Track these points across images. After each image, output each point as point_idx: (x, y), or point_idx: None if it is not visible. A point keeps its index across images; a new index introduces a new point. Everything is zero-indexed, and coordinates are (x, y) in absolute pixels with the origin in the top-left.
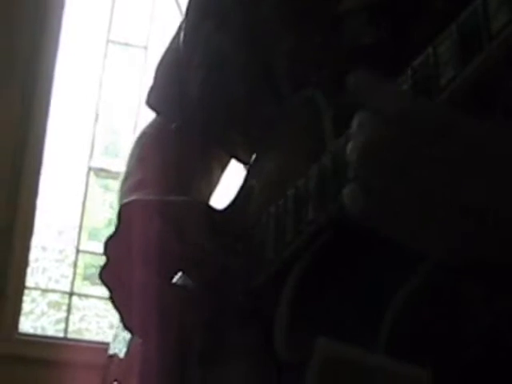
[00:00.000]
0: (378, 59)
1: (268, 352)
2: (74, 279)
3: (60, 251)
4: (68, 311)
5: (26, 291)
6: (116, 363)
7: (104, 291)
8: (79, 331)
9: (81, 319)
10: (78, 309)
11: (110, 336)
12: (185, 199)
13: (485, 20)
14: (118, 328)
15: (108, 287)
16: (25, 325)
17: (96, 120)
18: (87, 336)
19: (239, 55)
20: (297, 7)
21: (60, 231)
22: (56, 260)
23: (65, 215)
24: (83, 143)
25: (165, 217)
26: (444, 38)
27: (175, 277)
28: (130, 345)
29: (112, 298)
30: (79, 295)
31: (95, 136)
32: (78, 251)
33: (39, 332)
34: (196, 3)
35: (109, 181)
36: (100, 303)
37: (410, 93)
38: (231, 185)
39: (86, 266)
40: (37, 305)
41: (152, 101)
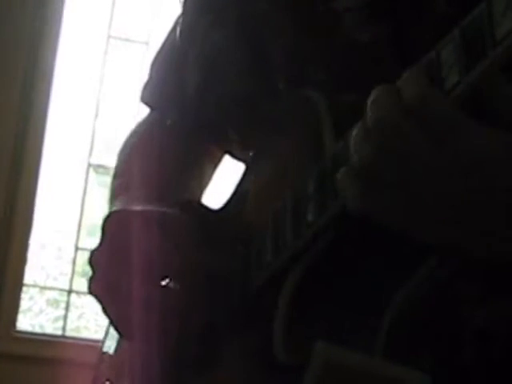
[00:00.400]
0: (377, 58)
1: (266, 355)
2: (73, 277)
3: (59, 248)
4: (66, 309)
5: (24, 288)
6: (107, 361)
7: None
8: (77, 329)
9: (79, 317)
10: (77, 306)
11: None
12: (170, 211)
13: (489, 25)
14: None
15: (98, 299)
16: (23, 322)
17: (96, 116)
18: (85, 334)
19: (236, 51)
20: (294, 3)
21: (59, 228)
22: (54, 257)
23: (64, 212)
24: (83, 139)
25: (150, 227)
26: (447, 42)
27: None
28: (120, 342)
29: (104, 309)
30: (78, 293)
31: (95, 132)
32: (77, 248)
33: (37, 330)
34: None
35: (108, 178)
36: None
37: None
38: (227, 182)
39: (85, 264)
40: (35, 302)
41: (147, 97)
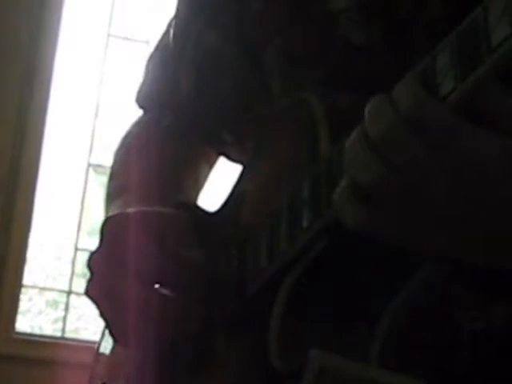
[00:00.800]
0: (372, 59)
1: (261, 361)
2: (72, 277)
3: (58, 249)
4: (66, 310)
5: (24, 289)
6: (102, 362)
7: None
8: (77, 330)
9: (79, 318)
10: (76, 308)
11: None
12: (167, 211)
13: (485, 32)
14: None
15: (95, 302)
16: (22, 324)
17: (96, 116)
18: (85, 335)
19: (230, 53)
20: (289, 4)
21: (58, 229)
22: (54, 258)
23: (63, 212)
24: (82, 139)
25: (146, 230)
26: (444, 48)
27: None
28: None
29: (101, 313)
30: (77, 294)
31: (95, 132)
32: (77, 249)
33: (36, 331)
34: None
35: None
36: None
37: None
38: (223, 184)
39: (85, 265)
40: (34, 303)
41: (141, 99)
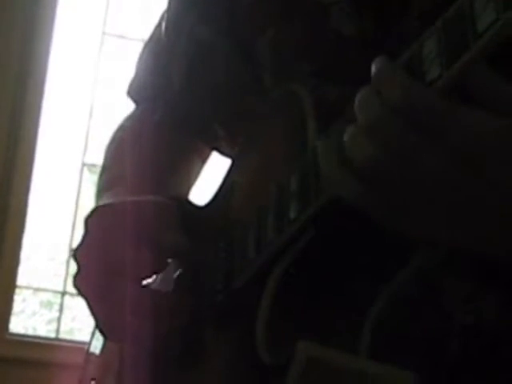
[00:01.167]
0: (363, 51)
1: (249, 354)
2: (67, 278)
3: (52, 249)
4: (60, 311)
5: (18, 290)
6: (93, 361)
7: None
8: (71, 331)
9: (73, 319)
10: (71, 308)
11: None
12: (154, 199)
13: (471, 17)
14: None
15: (82, 294)
16: (16, 325)
17: (90, 115)
18: (79, 336)
19: (221, 46)
20: None
21: (52, 229)
22: (48, 258)
23: (58, 212)
24: (77, 138)
25: (132, 219)
26: (431, 34)
27: (151, 279)
28: (106, 342)
29: (88, 305)
30: (72, 294)
31: (89, 131)
32: (71, 249)
33: (30, 332)
34: None
35: None
36: None
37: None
38: (213, 178)
39: None
40: (28, 304)
41: (133, 92)
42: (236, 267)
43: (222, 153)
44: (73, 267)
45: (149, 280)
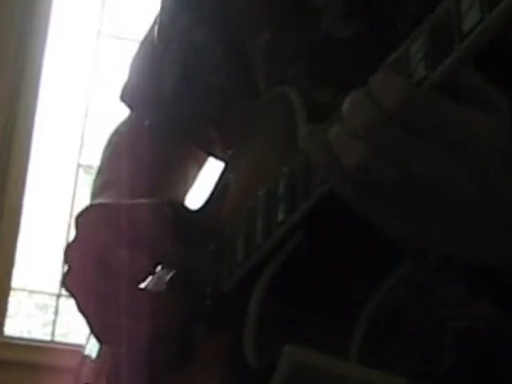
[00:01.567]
0: (356, 54)
1: (238, 357)
2: None
3: (48, 251)
4: (55, 313)
5: (12, 292)
6: (88, 365)
7: None
8: (66, 334)
9: (68, 321)
10: (66, 311)
11: None
12: (148, 202)
13: (457, 18)
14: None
15: (72, 295)
16: (10, 327)
17: (86, 115)
18: (75, 339)
19: (214, 50)
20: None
21: (48, 230)
22: (43, 260)
23: (53, 213)
24: (72, 139)
25: (125, 220)
26: (417, 35)
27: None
28: (102, 345)
29: (78, 305)
30: (67, 297)
31: (85, 132)
32: None
33: (25, 335)
34: None
35: None
36: None
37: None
38: (207, 182)
39: None
40: (23, 307)
41: (126, 97)
42: (225, 270)
43: (217, 157)
44: None
45: (142, 281)
